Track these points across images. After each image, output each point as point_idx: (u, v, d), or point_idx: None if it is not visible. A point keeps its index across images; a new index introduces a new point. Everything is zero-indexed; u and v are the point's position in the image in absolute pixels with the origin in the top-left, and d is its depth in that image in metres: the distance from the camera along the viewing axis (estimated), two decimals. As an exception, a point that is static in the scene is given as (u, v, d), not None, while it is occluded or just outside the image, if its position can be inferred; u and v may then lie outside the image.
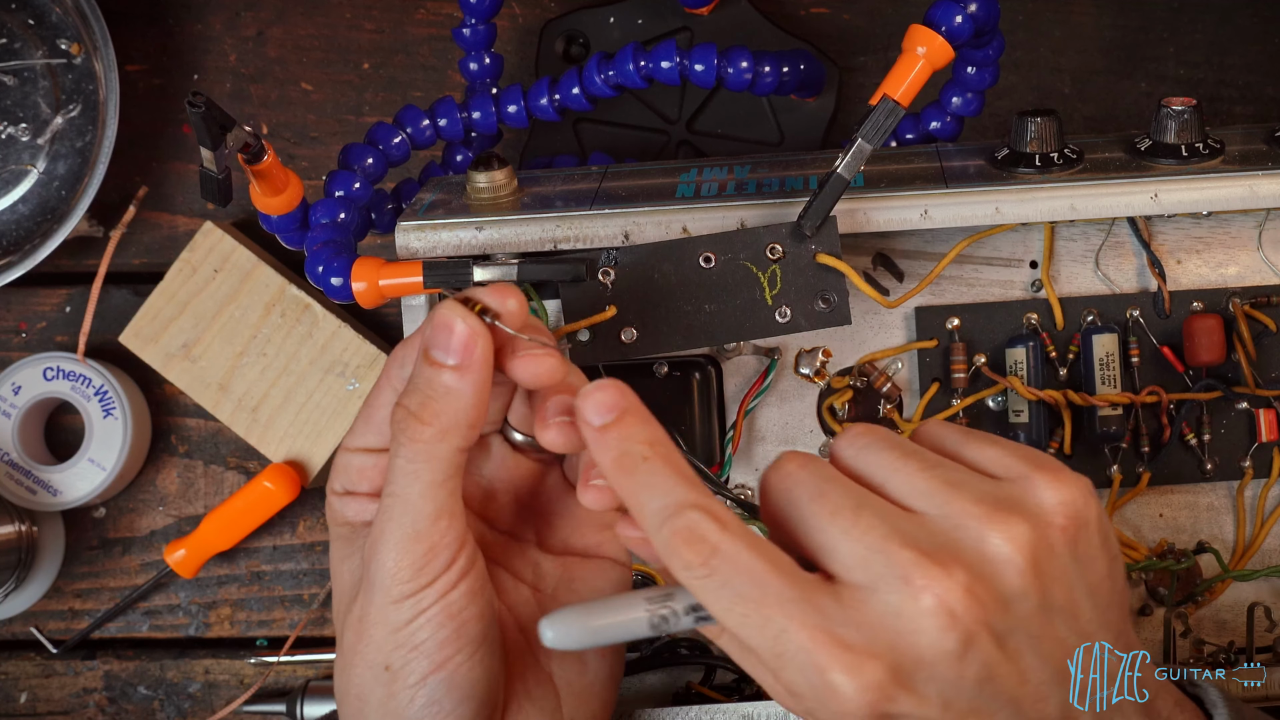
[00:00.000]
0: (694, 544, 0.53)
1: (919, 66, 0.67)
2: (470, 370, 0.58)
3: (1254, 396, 0.74)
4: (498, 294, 0.59)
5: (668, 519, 0.54)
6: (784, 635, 0.53)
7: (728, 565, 0.53)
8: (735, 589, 0.53)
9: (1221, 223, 0.75)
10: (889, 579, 0.53)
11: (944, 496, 0.55)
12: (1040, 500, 0.55)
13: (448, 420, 0.58)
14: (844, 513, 0.54)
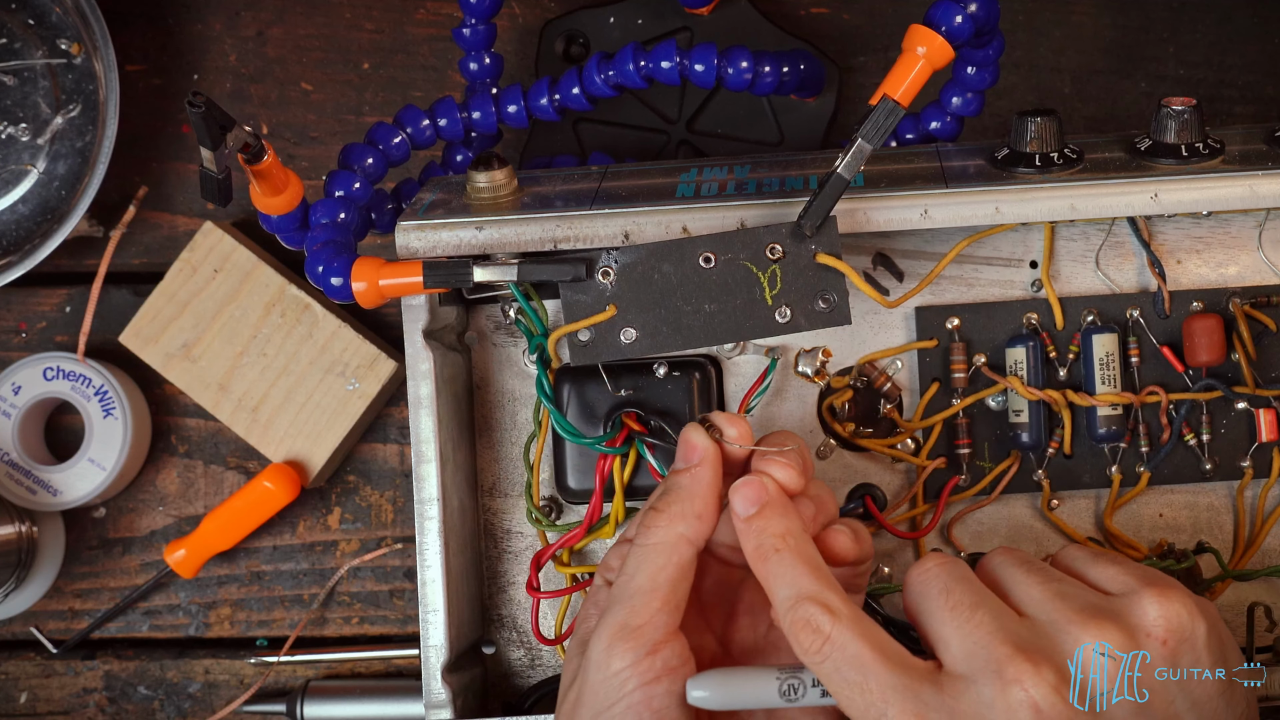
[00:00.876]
0: (810, 632, 0.60)
1: (919, 66, 0.67)
2: (699, 470, 0.65)
3: (1254, 396, 0.74)
4: (728, 417, 0.67)
5: (791, 607, 0.60)
6: (884, 718, 0.58)
7: (838, 652, 0.59)
8: (844, 674, 0.59)
9: (1221, 223, 0.75)
10: (986, 671, 0.58)
11: (1052, 604, 0.60)
12: (1143, 612, 0.59)
13: (678, 510, 0.64)
14: (962, 608, 0.60)
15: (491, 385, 0.77)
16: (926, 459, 0.75)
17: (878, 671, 0.59)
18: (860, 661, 0.59)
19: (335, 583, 0.92)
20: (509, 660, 0.77)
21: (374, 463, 0.92)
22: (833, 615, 0.60)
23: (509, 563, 0.77)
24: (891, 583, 0.74)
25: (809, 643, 0.60)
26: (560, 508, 0.77)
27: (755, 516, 0.63)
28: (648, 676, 0.61)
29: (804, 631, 0.60)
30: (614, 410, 0.74)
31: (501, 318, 0.77)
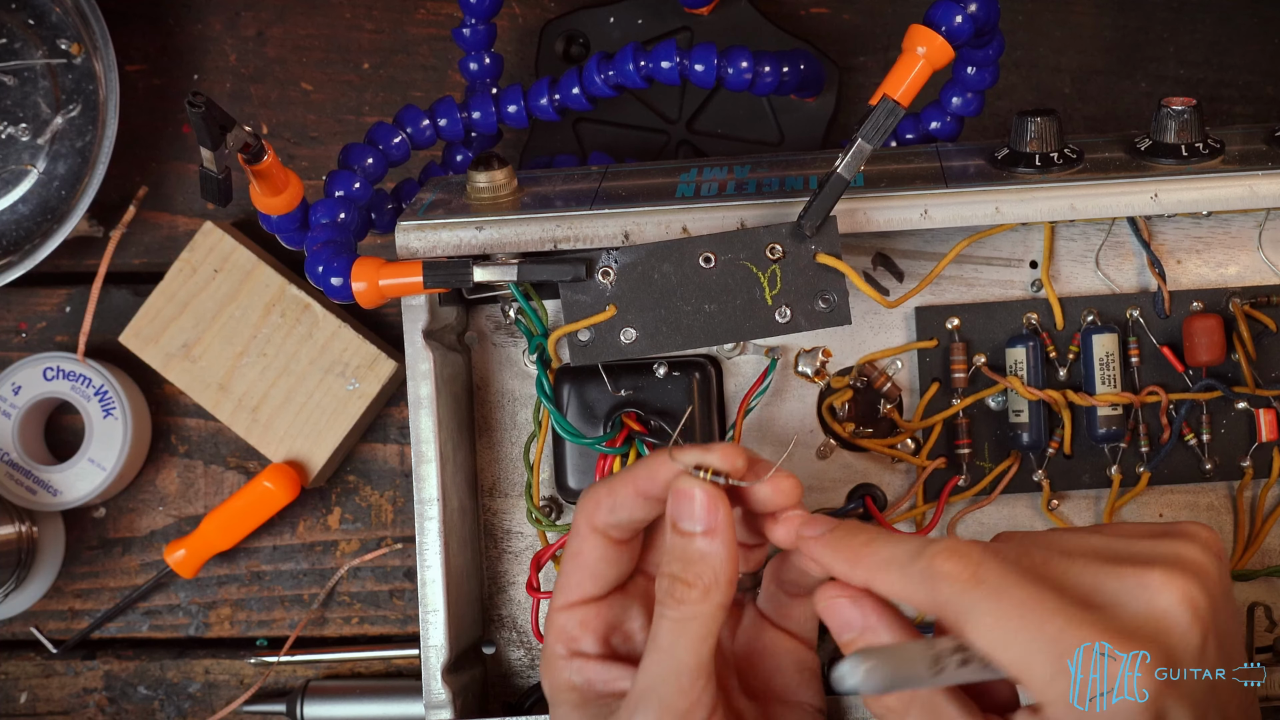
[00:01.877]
0: (959, 556, 0.57)
1: (919, 66, 0.67)
2: (719, 532, 0.61)
3: (1254, 396, 0.74)
4: (722, 453, 0.63)
5: (923, 549, 0.58)
6: (1063, 638, 0.55)
7: (995, 573, 0.56)
8: (1010, 595, 0.56)
9: (1221, 223, 0.75)
10: (1125, 594, 0.57)
11: (1124, 542, 0.60)
12: (1195, 532, 0.60)
13: (709, 579, 0.61)
14: (1054, 559, 0.58)
15: (491, 385, 0.77)
16: (926, 459, 0.75)
17: (1042, 589, 0.56)
18: (1023, 580, 0.56)
19: (335, 583, 0.92)
20: (509, 660, 0.77)
21: (374, 463, 0.92)
22: (976, 543, 0.58)
23: (509, 563, 0.77)
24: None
25: (960, 568, 0.56)
26: (560, 508, 0.77)
27: (834, 529, 0.62)
28: None
29: (951, 558, 0.57)
30: (614, 410, 0.74)
31: (501, 318, 0.77)
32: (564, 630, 0.65)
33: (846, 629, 0.61)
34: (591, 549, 0.65)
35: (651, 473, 0.63)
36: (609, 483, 0.65)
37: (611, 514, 0.64)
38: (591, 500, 0.65)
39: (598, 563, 0.65)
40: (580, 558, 0.65)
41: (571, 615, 0.65)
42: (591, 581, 0.65)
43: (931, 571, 0.57)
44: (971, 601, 0.56)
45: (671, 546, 0.62)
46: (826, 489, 0.76)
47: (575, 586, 0.65)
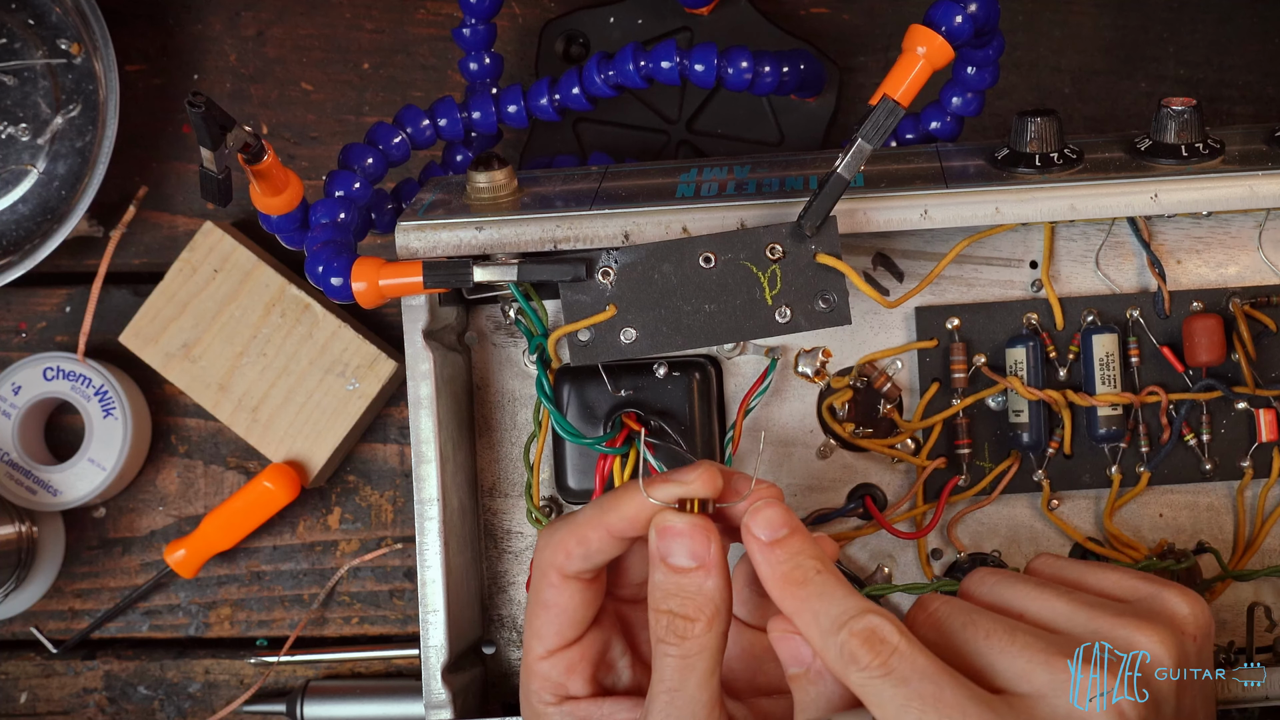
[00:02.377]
0: (874, 644, 0.56)
1: (919, 66, 0.67)
2: (713, 565, 0.61)
3: (1254, 396, 0.74)
4: (701, 480, 0.62)
5: (845, 623, 0.57)
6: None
7: (906, 664, 0.56)
8: (914, 687, 0.56)
9: (1221, 223, 0.75)
10: (1057, 687, 0.56)
11: (1087, 615, 0.59)
12: (1175, 611, 0.60)
13: (710, 611, 0.61)
14: (998, 634, 0.58)
15: (491, 385, 0.77)
16: (926, 459, 0.75)
17: (950, 685, 0.56)
18: (931, 674, 0.56)
19: (335, 583, 0.92)
20: (509, 660, 0.77)
21: (374, 463, 0.92)
22: (898, 628, 0.57)
23: (509, 563, 0.77)
24: (892, 583, 0.74)
25: (871, 657, 0.56)
26: (560, 508, 0.77)
27: (784, 540, 0.60)
28: None
29: (865, 645, 0.56)
30: (614, 410, 0.74)
31: (501, 318, 0.77)
32: (548, 679, 0.65)
33: (794, 663, 0.61)
34: (565, 597, 0.64)
35: (624, 513, 0.62)
36: (576, 528, 0.63)
37: (585, 561, 0.63)
38: (560, 550, 0.63)
39: (573, 608, 0.64)
40: (554, 607, 0.64)
41: (554, 663, 0.65)
42: (570, 627, 0.64)
43: (846, 651, 0.57)
44: (876, 690, 0.56)
45: (664, 583, 0.61)
46: (826, 489, 0.76)
47: (554, 635, 0.64)
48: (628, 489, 0.62)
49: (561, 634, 0.64)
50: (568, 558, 0.63)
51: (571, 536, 0.63)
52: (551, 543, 0.64)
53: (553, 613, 0.64)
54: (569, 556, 0.63)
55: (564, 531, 0.63)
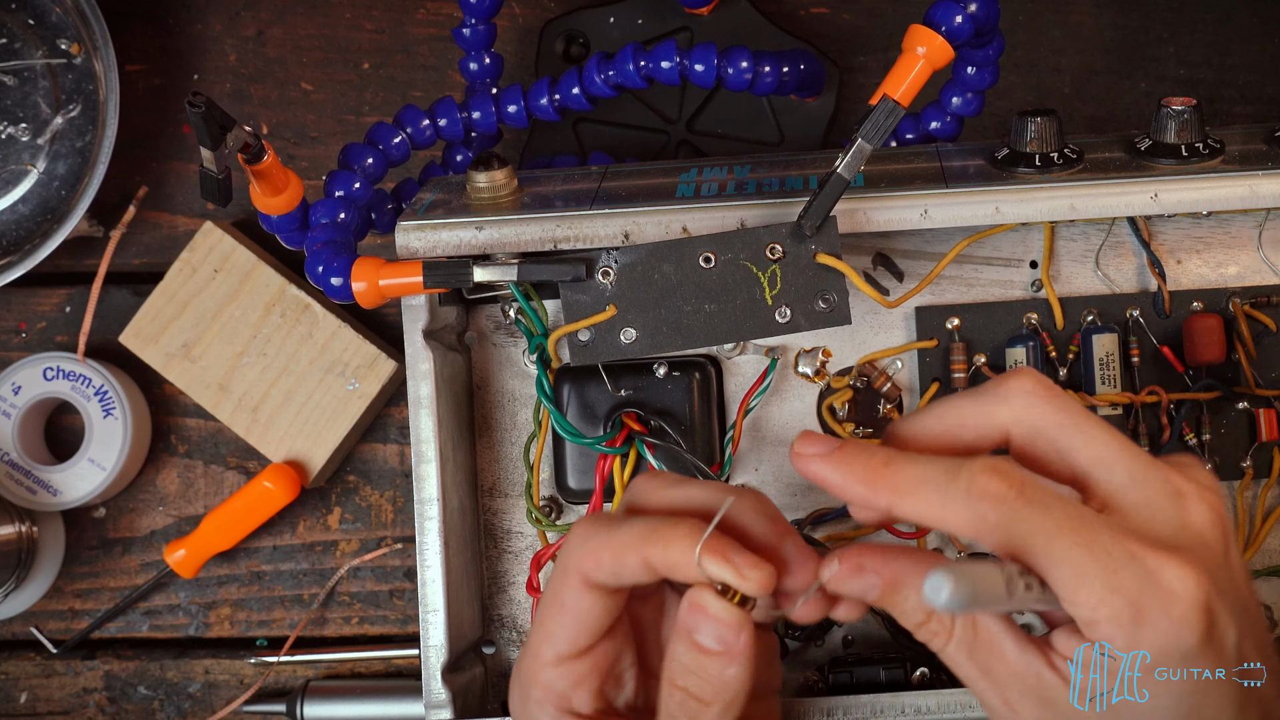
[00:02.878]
0: (1002, 473, 0.54)
1: (919, 66, 0.67)
2: (739, 655, 0.58)
3: (1254, 396, 0.74)
4: (757, 582, 0.58)
5: (960, 469, 0.54)
6: (1114, 551, 0.54)
7: (1039, 491, 0.54)
8: (1055, 513, 0.54)
9: (1221, 223, 0.75)
10: (1165, 492, 0.56)
11: (1140, 448, 0.58)
12: (1194, 460, 0.59)
13: (729, 697, 0.59)
14: (1114, 432, 0.57)
15: (491, 385, 0.77)
16: (926, 459, 0.75)
17: (1078, 507, 0.55)
18: (1064, 499, 0.54)
19: (335, 583, 0.92)
20: (509, 660, 0.77)
21: (374, 463, 0.92)
22: (1011, 460, 0.55)
23: (509, 563, 0.77)
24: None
25: (1005, 487, 0.54)
26: (560, 508, 0.77)
27: (843, 446, 0.57)
28: None
29: (995, 477, 0.54)
30: (614, 410, 0.74)
31: (501, 318, 0.77)
32: (552, 689, 0.61)
33: (874, 589, 0.57)
34: (586, 604, 0.60)
35: (669, 557, 0.58)
36: (613, 543, 0.59)
37: (612, 576, 0.59)
38: (590, 556, 0.60)
39: (592, 616, 0.60)
40: (572, 612, 0.61)
41: (562, 672, 0.61)
42: (585, 635, 0.61)
43: (975, 490, 0.54)
44: (1023, 520, 0.54)
45: (684, 658, 0.59)
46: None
47: (566, 641, 0.61)
48: (681, 534, 0.58)
49: (575, 641, 0.61)
50: (597, 567, 0.59)
51: (607, 549, 0.59)
52: (585, 548, 0.60)
53: (569, 617, 0.61)
54: (598, 566, 0.59)
55: (600, 540, 0.60)
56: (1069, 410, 0.58)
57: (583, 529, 0.60)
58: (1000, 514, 0.54)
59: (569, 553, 0.60)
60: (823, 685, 0.72)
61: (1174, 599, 0.54)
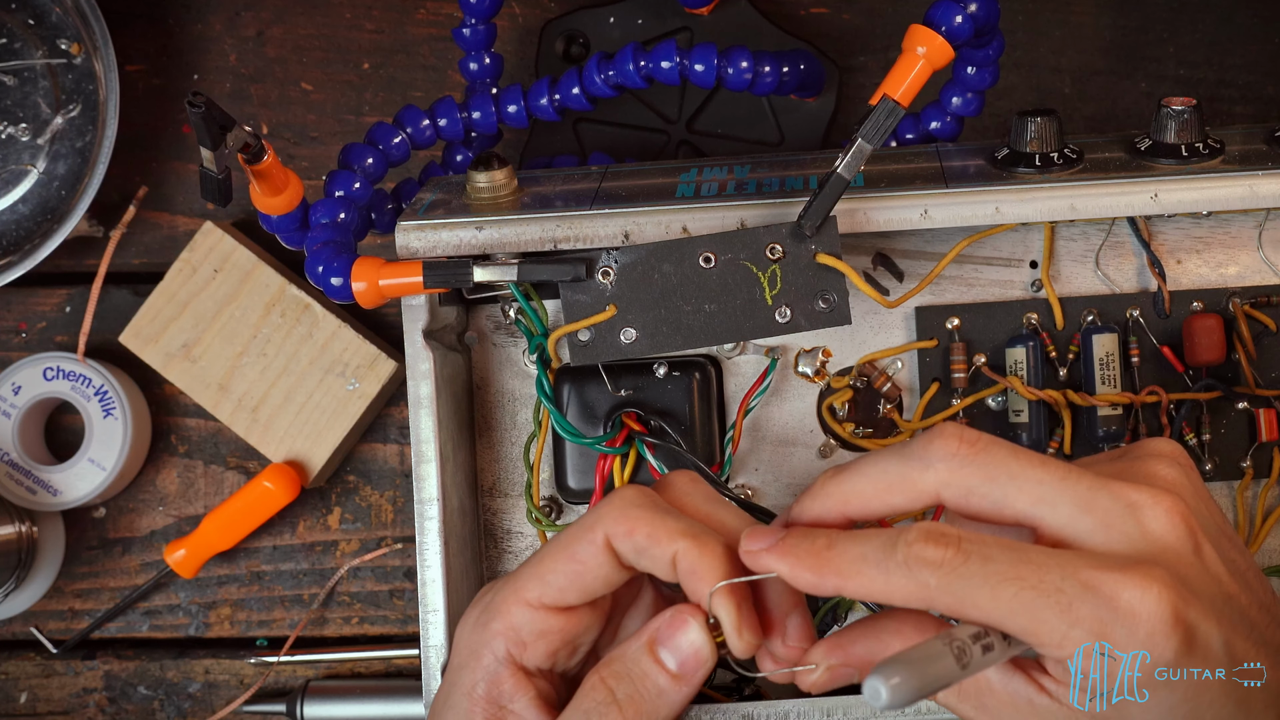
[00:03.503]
0: (936, 538, 0.54)
1: (919, 66, 0.67)
2: (688, 683, 0.58)
3: (1254, 396, 0.74)
4: (745, 645, 0.58)
5: (896, 541, 0.54)
6: (1064, 586, 0.53)
7: (978, 545, 0.54)
8: (997, 563, 0.53)
9: (1221, 223, 0.75)
10: (1116, 509, 0.55)
11: (1082, 470, 0.56)
12: (1158, 449, 0.58)
13: (649, 717, 0.59)
14: (1049, 466, 0.55)
15: (491, 385, 0.77)
16: (926, 459, 0.75)
17: (1022, 548, 0.53)
18: (1003, 544, 0.53)
19: (335, 583, 0.92)
20: (509, 660, 0.77)
21: (374, 463, 0.92)
22: (945, 522, 0.55)
23: (509, 563, 0.77)
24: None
25: (941, 551, 0.53)
26: (560, 508, 0.77)
27: (785, 539, 0.57)
28: None
29: (931, 541, 0.53)
30: (614, 410, 0.74)
31: (501, 318, 0.77)
32: (516, 630, 0.60)
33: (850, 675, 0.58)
34: (595, 563, 0.59)
35: (694, 568, 0.58)
36: (655, 521, 0.59)
37: (634, 552, 0.59)
38: (626, 523, 0.59)
39: (595, 578, 0.60)
40: (579, 564, 0.60)
41: (536, 618, 0.60)
42: (577, 592, 0.60)
43: (913, 560, 0.54)
44: (963, 580, 0.53)
45: (632, 662, 0.59)
46: (826, 489, 0.76)
47: (557, 590, 0.60)
48: (717, 556, 0.58)
49: (564, 594, 0.60)
50: (628, 536, 0.59)
51: (646, 524, 0.59)
52: (625, 513, 0.59)
53: (574, 569, 0.59)
54: (629, 536, 0.59)
55: (643, 515, 0.59)
56: (995, 462, 0.56)
57: (630, 496, 0.60)
58: (942, 578, 0.53)
59: (606, 511, 0.59)
60: None
61: (1136, 619, 0.53)
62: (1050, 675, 0.56)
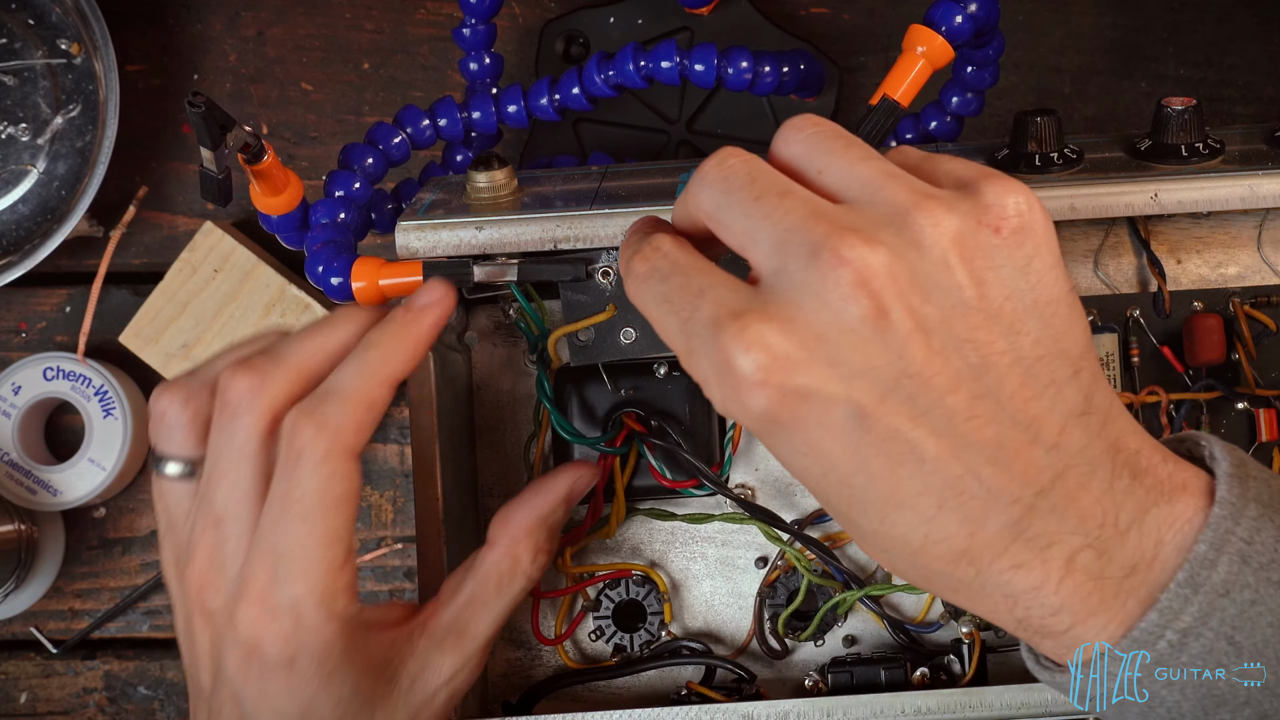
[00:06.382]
0: (650, 253, 0.54)
1: (919, 66, 0.67)
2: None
3: (1254, 396, 0.74)
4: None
5: (641, 245, 0.56)
6: (697, 330, 0.52)
7: (670, 263, 0.54)
8: (665, 285, 0.54)
9: (1221, 223, 0.75)
10: (802, 255, 0.51)
11: (878, 184, 0.53)
12: (981, 198, 0.52)
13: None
14: (770, 195, 0.53)
15: (491, 385, 0.77)
16: (926, 459, 0.75)
17: (699, 277, 0.52)
18: (688, 269, 0.53)
19: (335, 583, 0.91)
20: (509, 660, 0.77)
21: (374, 463, 0.92)
22: (658, 230, 0.55)
23: (509, 563, 0.77)
24: (892, 583, 0.74)
25: (645, 267, 0.54)
26: (560, 508, 0.77)
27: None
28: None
29: (641, 258, 0.55)
30: (614, 410, 0.74)
31: (501, 318, 0.77)
32: (348, 588, 0.61)
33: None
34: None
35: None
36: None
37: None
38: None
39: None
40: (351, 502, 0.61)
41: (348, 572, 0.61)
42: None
43: (632, 264, 0.55)
44: (642, 292, 0.55)
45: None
46: (826, 489, 0.76)
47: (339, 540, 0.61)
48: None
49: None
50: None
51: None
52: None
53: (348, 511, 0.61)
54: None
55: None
56: (730, 188, 0.54)
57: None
58: (634, 286, 0.55)
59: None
60: (823, 686, 0.72)
61: (736, 377, 0.51)
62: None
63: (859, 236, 0.51)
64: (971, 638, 0.71)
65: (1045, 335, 0.53)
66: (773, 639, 0.74)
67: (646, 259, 0.55)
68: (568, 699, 0.75)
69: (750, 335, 0.51)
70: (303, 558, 0.60)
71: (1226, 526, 0.53)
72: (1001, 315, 0.52)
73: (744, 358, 0.51)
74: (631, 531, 0.75)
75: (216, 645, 0.62)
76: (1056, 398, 0.53)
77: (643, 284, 0.55)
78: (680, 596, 0.75)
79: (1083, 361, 0.54)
